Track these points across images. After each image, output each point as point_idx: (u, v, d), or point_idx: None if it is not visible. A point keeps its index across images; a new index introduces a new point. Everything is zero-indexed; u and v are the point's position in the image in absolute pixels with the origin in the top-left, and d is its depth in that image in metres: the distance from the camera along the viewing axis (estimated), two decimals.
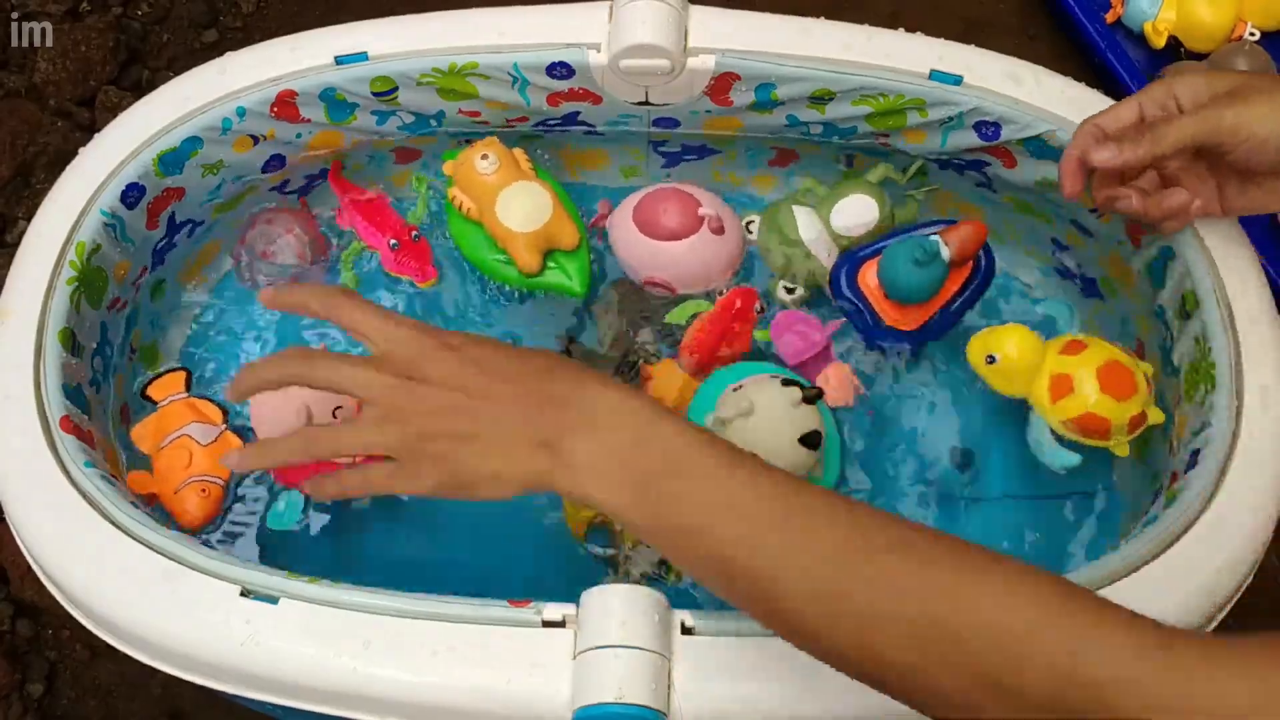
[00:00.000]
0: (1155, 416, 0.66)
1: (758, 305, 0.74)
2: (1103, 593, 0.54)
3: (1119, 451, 0.66)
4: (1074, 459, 0.67)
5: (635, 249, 0.75)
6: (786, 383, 0.64)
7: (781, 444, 0.62)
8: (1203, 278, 0.64)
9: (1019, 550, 0.72)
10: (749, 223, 0.77)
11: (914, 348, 0.75)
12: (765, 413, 0.62)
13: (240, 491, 0.71)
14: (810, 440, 0.62)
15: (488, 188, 0.72)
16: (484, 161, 0.71)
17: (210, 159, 0.71)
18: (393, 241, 0.75)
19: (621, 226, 0.75)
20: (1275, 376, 0.61)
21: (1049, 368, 0.67)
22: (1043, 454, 0.68)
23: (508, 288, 0.75)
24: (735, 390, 0.66)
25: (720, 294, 0.75)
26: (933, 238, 0.68)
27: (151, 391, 0.71)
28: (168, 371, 0.72)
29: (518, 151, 0.74)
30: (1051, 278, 0.79)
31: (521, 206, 0.71)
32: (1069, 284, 0.79)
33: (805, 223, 0.74)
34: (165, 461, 0.68)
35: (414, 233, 0.76)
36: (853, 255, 0.73)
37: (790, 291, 0.76)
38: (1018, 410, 0.70)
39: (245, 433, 0.72)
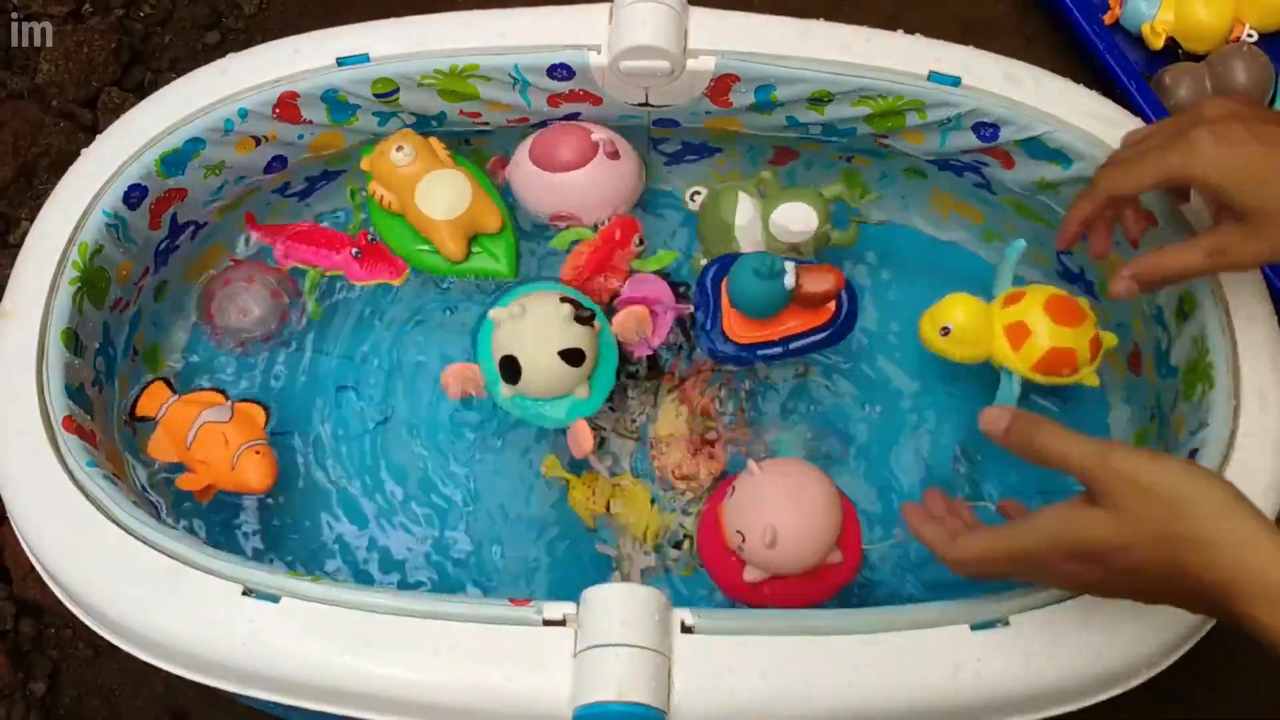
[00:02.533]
0: (1109, 340, 0.69)
1: (637, 238, 0.74)
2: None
3: (1090, 382, 0.68)
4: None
5: (536, 187, 0.75)
6: (564, 299, 0.65)
7: (544, 352, 0.63)
8: (1201, 279, 0.64)
9: None
10: (694, 193, 0.77)
11: (739, 364, 0.74)
12: (534, 319, 0.64)
13: None
14: (571, 356, 0.63)
15: (406, 179, 0.71)
16: (399, 153, 0.71)
17: (212, 160, 0.71)
18: (355, 250, 0.74)
19: (521, 169, 0.75)
20: (1273, 377, 0.62)
21: (999, 321, 0.68)
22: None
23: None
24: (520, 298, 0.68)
25: (603, 224, 0.75)
26: (786, 259, 0.68)
27: (141, 410, 0.70)
28: (144, 388, 0.70)
29: (434, 140, 0.74)
30: (1052, 279, 0.80)
31: (442, 194, 0.71)
32: (1068, 286, 0.79)
33: (744, 211, 0.74)
34: (203, 452, 0.67)
35: (368, 235, 0.76)
36: (731, 257, 0.72)
37: None
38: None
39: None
